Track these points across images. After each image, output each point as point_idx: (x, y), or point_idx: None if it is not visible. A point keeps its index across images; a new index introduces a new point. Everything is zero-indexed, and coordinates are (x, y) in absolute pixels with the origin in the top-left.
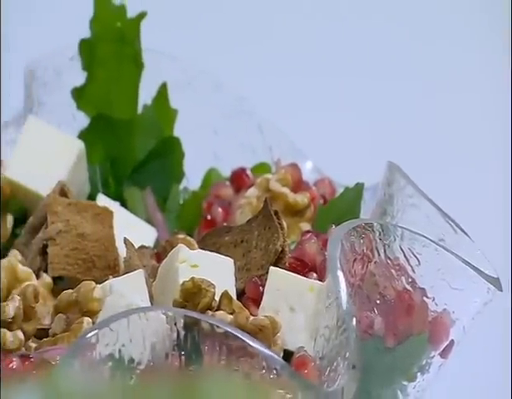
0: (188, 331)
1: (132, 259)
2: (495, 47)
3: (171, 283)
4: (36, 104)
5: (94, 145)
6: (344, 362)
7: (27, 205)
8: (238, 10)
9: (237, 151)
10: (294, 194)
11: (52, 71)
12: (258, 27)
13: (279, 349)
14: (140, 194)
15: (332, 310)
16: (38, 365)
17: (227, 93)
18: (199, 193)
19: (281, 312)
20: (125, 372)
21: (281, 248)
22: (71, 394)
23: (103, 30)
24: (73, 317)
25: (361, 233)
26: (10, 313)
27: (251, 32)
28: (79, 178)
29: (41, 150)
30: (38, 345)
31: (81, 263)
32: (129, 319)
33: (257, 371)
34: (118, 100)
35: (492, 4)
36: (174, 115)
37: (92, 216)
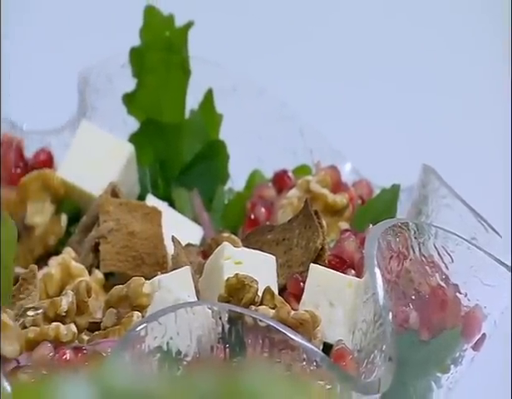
0: (232, 324)
1: (179, 256)
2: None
3: (216, 279)
4: (90, 109)
5: (143, 148)
6: (381, 355)
7: (81, 205)
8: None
9: (279, 154)
10: (333, 194)
11: (105, 77)
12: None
13: (319, 342)
14: (187, 195)
15: (369, 305)
16: (90, 356)
17: (270, 99)
18: (243, 194)
19: (321, 306)
20: (172, 364)
21: (321, 246)
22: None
23: (152, 39)
24: (123, 311)
25: (397, 232)
26: (64, 308)
27: (292, 41)
28: (129, 179)
29: (94, 153)
30: (90, 338)
31: (131, 259)
32: (176, 313)
33: (298, 363)
34: (166, 105)
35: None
36: (219, 119)
37: (142, 215)
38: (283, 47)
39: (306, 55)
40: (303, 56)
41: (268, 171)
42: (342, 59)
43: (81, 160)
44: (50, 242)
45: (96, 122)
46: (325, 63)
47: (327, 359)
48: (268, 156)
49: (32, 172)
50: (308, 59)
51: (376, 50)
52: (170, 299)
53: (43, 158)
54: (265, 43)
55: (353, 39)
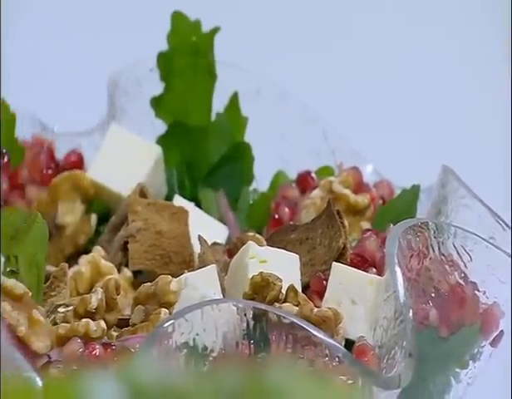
0: (257, 321)
1: (206, 255)
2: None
3: (241, 277)
4: (119, 111)
5: (171, 150)
6: (401, 351)
7: (110, 205)
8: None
9: (302, 155)
10: (355, 195)
11: (133, 81)
12: (321, 41)
13: (341, 338)
14: (213, 196)
15: (390, 302)
16: (119, 352)
17: (293, 102)
18: (268, 194)
19: (343, 304)
20: (198, 359)
21: (343, 245)
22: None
23: (179, 43)
24: (151, 308)
25: (417, 232)
26: (93, 304)
27: (315, 45)
28: (157, 180)
29: (123, 155)
30: (119, 334)
31: (159, 258)
32: (202, 310)
33: (320, 358)
34: (193, 108)
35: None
36: (244, 122)
37: (169, 215)
38: (305, 51)
39: (328, 59)
40: (326, 60)
41: (291, 172)
42: (363, 63)
43: (111, 161)
44: (80, 241)
45: (124, 125)
46: (347, 67)
47: (349, 355)
48: (291, 158)
49: (63, 173)
50: (331, 63)
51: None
52: (197, 297)
53: (74, 159)
54: (288, 48)
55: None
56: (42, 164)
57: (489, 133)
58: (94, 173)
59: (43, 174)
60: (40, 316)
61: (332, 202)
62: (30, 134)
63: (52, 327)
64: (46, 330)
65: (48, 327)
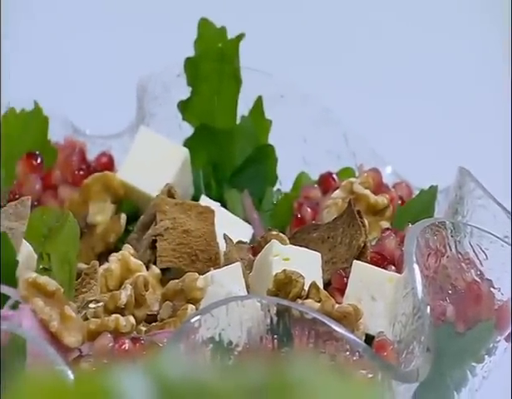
0: (280, 317)
1: (231, 253)
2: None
3: (265, 274)
4: (148, 115)
5: (197, 152)
6: (419, 346)
7: (139, 205)
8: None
9: (324, 157)
10: (375, 195)
11: (161, 86)
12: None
13: (361, 334)
14: (238, 196)
15: (408, 299)
16: (147, 347)
17: (315, 105)
18: (291, 194)
19: (363, 300)
20: (224, 354)
21: (363, 244)
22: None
23: (206, 50)
24: (179, 304)
25: (434, 231)
26: (123, 300)
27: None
28: (184, 181)
29: (151, 157)
30: (148, 329)
31: (186, 256)
32: (228, 306)
33: (341, 353)
34: (219, 112)
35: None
36: (268, 125)
37: (196, 215)
38: (327, 57)
39: (349, 64)
40: (347, 65)
41: (313, 173)
42: (382, 67)
43: (140, 162)
44: (110, 239)
45: (153, 128)
46: (367, 72)
47: (369, 350)
48: (313, 159)
49: (94, 174)
50: (351, 68)
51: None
52: (222, 293)
53: (104, 161)
54: (310, 53)
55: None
56: (74, 165)
57: (506, 135)
58: (124, 174)
59: (75, 175)
60: (71, 312)
61: (352, 202)
62: (62, 136)
63: (83, 322)
64: (77, 325)
65: (79, 323)
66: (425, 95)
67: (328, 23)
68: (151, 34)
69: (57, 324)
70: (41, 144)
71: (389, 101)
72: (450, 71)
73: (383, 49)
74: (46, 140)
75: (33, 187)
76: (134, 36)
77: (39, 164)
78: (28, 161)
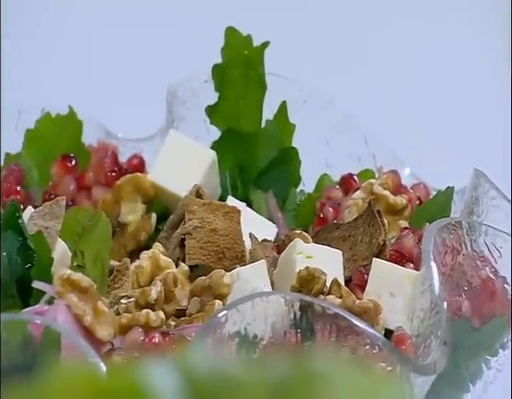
0: (303, 312)
1: (256, 251)
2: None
3: (289, 271)
4: (177, 119)
5: (224, 154)
6: (436, 340)
7: (168, 205)
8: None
9: (345, 159)
10: (394, 196)
11: (190, 91)
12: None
13: (381, 328)
14: (263, 197)
15: (426, 295)
16: (176, 340)
17: (337, 110)
18: (313, 195)
19: (382, 296)
20: (249, 347)
21: (383, 242)
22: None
23: (232, 57)
24: (206, 299)
25: (451, 230)
26: (153, 296)
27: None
28: (212, 182)
29: (180, 159)
30: (177, 323)
31: (213, 254)
32: (253, 302)
33: (362, 347)
34: (245, 116)
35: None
36: (292, 128)
37: (223, 214)
38: (348, 64)
39: (369, 71)
40: (367, 72)
41: (335, 175)
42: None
43: (169, 164)
44: (141, 238)
45: (182, 131)
46: (385, 79)
47: (389, 343)
48: (335, 161)
49: (126, 176)
50: (371, 75)
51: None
52: (248, 289)
53: (136, 163)
54: (332, 61)
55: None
56: (107, 167)
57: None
58: (154, 175)
59: (108, 177)
60: (104, 307)
61: (372, 202)
62: (96, 139)
63: (115, 316)
64: (109, 320)
65: (112, 317)
66: (442, 101)
67: (349, 34)
68: (181, 42)
69: (90, 319)
70: (75, 147)
71: (407, 106)
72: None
73: (401, 56)
74: (80, 143)
75: (68, 188)
76: (164, 45)
77: (73, 166)
78: (63, 163)
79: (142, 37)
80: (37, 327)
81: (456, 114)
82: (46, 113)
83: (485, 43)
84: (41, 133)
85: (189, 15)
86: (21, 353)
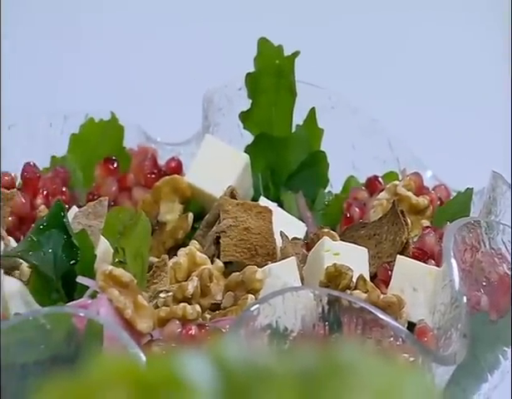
0: (331, 306)
1: (287, 248)
2: None
3: (318, 267)
4: (212, 124)
5: (257, 157)
6: (456, 332)
7: (204, 205)
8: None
9: (371, 162)
10: (417, 197)
11: (225, 98)
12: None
13: (404, 321)
14: (293, 197)
15: (447, 290)
16: (212, 332)
17: (363, 116)
18: (341, 196)
19: (405, 291)
20: (280, 339)
21: (406, 240)
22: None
23: (265, 66)
24: (240, 294)
25: (470, 229)
26: (190, 291)
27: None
28: (245, 183)
29: (216, 162)
30: (212, 316)
31: (247, 251)
32: (284, 296)
33: (386, 339)
34: (276, 121)
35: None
36: (320, 133)
37: (255, 214)
38: (373, 73)
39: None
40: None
41: (361, 177)
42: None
43: (205, 167)
44: (179, 236)
45: (217, 136)
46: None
47: (411, 336)
48: (361, 164)
49: (164, 177)
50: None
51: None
52: (279, 284)
53: (174, 165)
54: (359, 69)
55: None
56: (147, 169)
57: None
58: (191, 177)
59: (147, 178)
60: (144, 300)
61: (396, 203)
62: (136, 143)
63: (154, 310)
64: (149, 313)
65: (151, 310)
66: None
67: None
68: (216, 52)
69: (131, 312)
70: (117, 150)
71: (429, 113)
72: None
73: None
74: (122, 146)
75: (110, 189)
76: (201, 55)
77: (115, 168)
78: (106, 166)
79: (180, 48)
80: (81, 320)
81: (475, 120)
82: (89, 118)
83: (505, 49)
84: (85, 137)
85: (225, 26)
86: (66, 345)
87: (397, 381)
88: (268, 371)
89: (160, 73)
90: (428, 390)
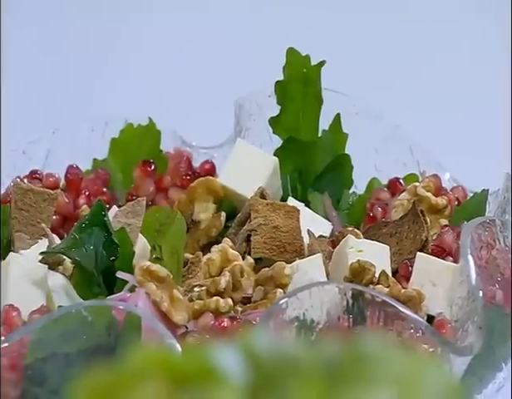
0: (354, 300)
1: (313, 246)
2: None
3: (342, 263)
4: (244, 129)
5: (285, 160)
6: (473, 325)
7: (236, 205)
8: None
9: (392, 165)
10: (436, 197)
11: (255, 104)
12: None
13: (424, 314)
14: (320, 198)
15: (464, 285)
16: (243, 324)
17: (385, 122)
18: (364, 196)
19: (425, 286)
20: (307, 331)
21: (425, 238)
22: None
23: (293, 74)
24: (269, 288)
25: (486, 227)
26: (222, 285)
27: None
28: (274, 185)
29: (247, 164)
30: (243, 309)
31: (276, 248)
32: (311, 290)
33: (407, 330)
34: (304, 126)
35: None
36: (345, 137)
37: (284, 213)
38: (395, 81)
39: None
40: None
41: (383, 179)
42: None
43: (237, 169)
44: (212, 234)
45: (248, 140)
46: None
47: (431, 328)
48: (383, 167)
49: (199, 179)
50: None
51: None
52: (306, 279)
53: (207, 167)
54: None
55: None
56: (182, 171)
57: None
58: (223, 179)
59: (183, 180)
60: (179, 294)
61: (416, 203)
62: (172, 147)
63: (189, 303)
64: (184, 306)
65: (186, 304)
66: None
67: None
68: (247, 61)
69: (167, 305)
70: (154, 153)
71: (447, 119)
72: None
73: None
74: (159, 150)
75: (148, 190)
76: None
77: (153, 170)
78: (144, 168)
79: (214, 58)
80: (121, 312)
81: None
82: (128, 124)
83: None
84: (124, 141)
85: (256, 38)
86: (106, 336)
87: (417, 370)
88: (296, 361)
89: (195, 81)
90: (447, 379)
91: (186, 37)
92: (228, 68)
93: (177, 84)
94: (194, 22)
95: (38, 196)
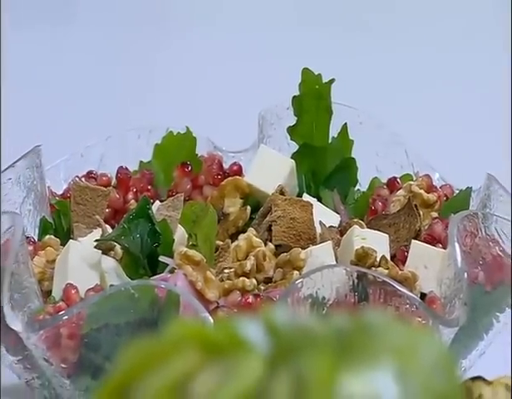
0: (359, 280)
1: (325, 234)
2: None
3: (349, 249)
4: (266, 137)
5: (301, 162)
6: (459, 301)
7: (260, 200)
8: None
9: (391, 166)
10: (427, 194)
11: (276, 116)
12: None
13: (417, 292)
14: (330, 194)
15: (451, 268)
16: (265, 301)
17: (386, 130)
18: (367, 193)
19: (418, 268)
20: (319, 306)
21: (419, 228)
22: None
23: (307, 90)
24: (287, 270)
25: (470, 219)
26: (248, 268)
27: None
28: (291, 183)
29: (268, 166)
30: (265, 288)
31: (293, 236)
32: (322, 272)
33: (403, 306)
34: (316, 134)
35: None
36: (351, 144)
37: (300, 207)
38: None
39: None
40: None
41: (383, 178)
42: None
43: (260, 170)
44: (239, 224)
45: (270, 145)
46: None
47: (423, 303)
48: (383, 168)
49: (228, 178)
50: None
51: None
52: (318, 263)
53: (235, 168)
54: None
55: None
56: (214, 172)
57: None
58: (249, 178)
59: (215, 179)
60: (212, 275)
61: (411, 199)
62: (206, 151)
63: (220, 283)
64: (215, 285)
65: (217, 283)
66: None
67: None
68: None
69: (201, 284)
70: (191, 156)
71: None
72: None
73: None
74: (195, 154)
75: (185, 187)
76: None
77: (189, 171)
78: (182, 169)
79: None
80: (162, 291)
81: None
82: (169, 131)
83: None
84: (165, 146)
85: (276, 59)
86: (150, 310)
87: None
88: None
89: (226, 96)
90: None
91: (218, 59)
92: (254, 85)
93: (210, 98)
94: (225, 46)
95: (93, 192)
